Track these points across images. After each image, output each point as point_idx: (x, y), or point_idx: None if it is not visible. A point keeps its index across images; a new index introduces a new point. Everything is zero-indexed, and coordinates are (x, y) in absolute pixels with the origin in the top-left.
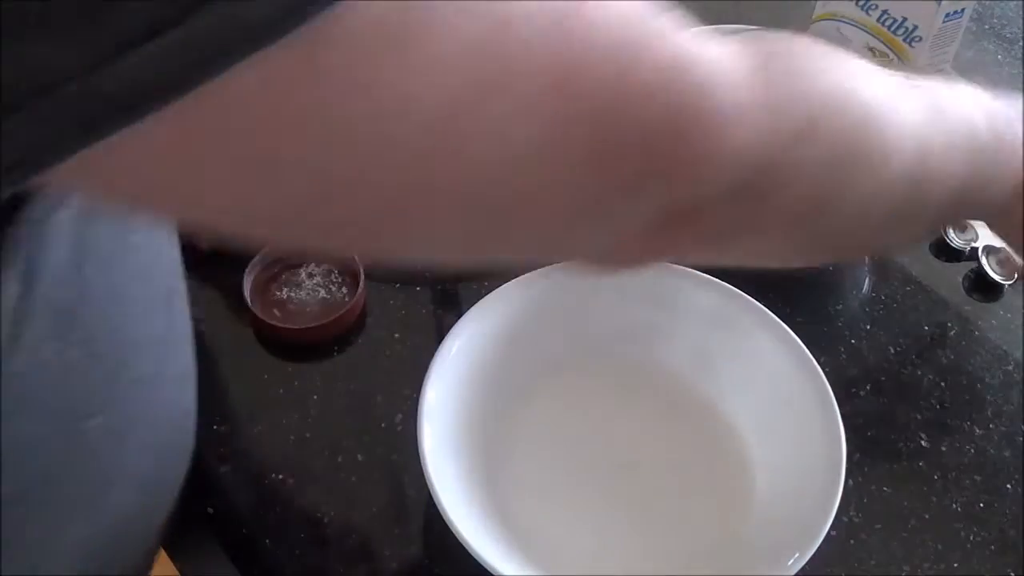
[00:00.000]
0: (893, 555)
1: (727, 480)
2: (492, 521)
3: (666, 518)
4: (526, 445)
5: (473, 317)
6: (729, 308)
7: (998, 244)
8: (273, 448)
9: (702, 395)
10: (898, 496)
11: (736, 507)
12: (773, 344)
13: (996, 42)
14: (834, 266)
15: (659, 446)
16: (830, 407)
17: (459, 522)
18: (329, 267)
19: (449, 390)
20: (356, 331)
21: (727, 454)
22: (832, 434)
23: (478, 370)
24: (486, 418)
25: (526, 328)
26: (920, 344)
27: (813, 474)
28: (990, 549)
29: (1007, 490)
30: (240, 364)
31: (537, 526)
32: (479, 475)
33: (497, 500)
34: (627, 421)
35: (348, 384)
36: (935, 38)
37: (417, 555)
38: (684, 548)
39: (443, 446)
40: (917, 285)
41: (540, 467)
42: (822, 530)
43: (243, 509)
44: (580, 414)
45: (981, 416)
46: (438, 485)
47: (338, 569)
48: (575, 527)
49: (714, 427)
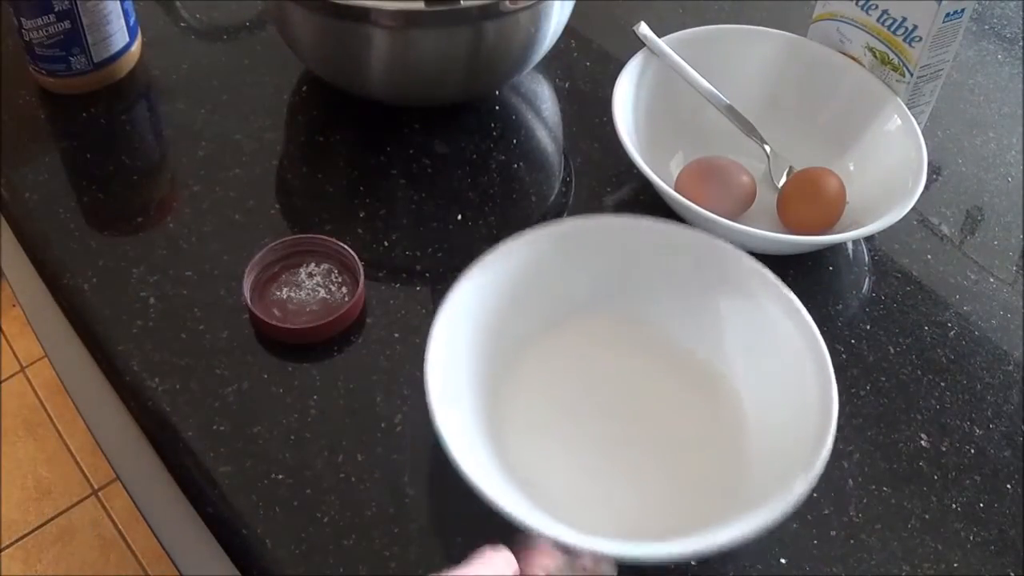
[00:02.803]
0: (893, 555)
1: (722, 424)
2: (496, 466)
3: (667, 461)
4: (527, 395)
5: (478, 271)
6: (723, 261)
7: None
8: (273, 448)
9: (696, 344)
10: (898, 496)
11: (733, 446)
12: (764, 292)
13: (996, 42)
14: (834, 266)
15: (656, 394)
16: (818, 349)
17: (467, 466)
18: (329, 267)
19: (454, 341)
20: (356, 331)
21: (720, 399)
22: (822, 376)
23: (482, 321)
24: (490, 368)
25: (529, 282)
26: (920, 344)
27: (806, 411)
28: (990, 549)
29: (1007, 490)
30: (240, 364)
31: (539, 471)
32: (483, 425)
33: (500, 448)
34: (625, 371)
35: (348, 384)
36: (935, 38)
37: (417, 555)
38: (683, 490)
39: (449, 396)
40: (917, 285)
41: (541, 416)
42: (823, 450)
43: (243, 509)
44: (580, 365)
45: (981, 416)
46: (446, 433)
47: (338, 569)
48: (575, 473)
49: (708, 375)
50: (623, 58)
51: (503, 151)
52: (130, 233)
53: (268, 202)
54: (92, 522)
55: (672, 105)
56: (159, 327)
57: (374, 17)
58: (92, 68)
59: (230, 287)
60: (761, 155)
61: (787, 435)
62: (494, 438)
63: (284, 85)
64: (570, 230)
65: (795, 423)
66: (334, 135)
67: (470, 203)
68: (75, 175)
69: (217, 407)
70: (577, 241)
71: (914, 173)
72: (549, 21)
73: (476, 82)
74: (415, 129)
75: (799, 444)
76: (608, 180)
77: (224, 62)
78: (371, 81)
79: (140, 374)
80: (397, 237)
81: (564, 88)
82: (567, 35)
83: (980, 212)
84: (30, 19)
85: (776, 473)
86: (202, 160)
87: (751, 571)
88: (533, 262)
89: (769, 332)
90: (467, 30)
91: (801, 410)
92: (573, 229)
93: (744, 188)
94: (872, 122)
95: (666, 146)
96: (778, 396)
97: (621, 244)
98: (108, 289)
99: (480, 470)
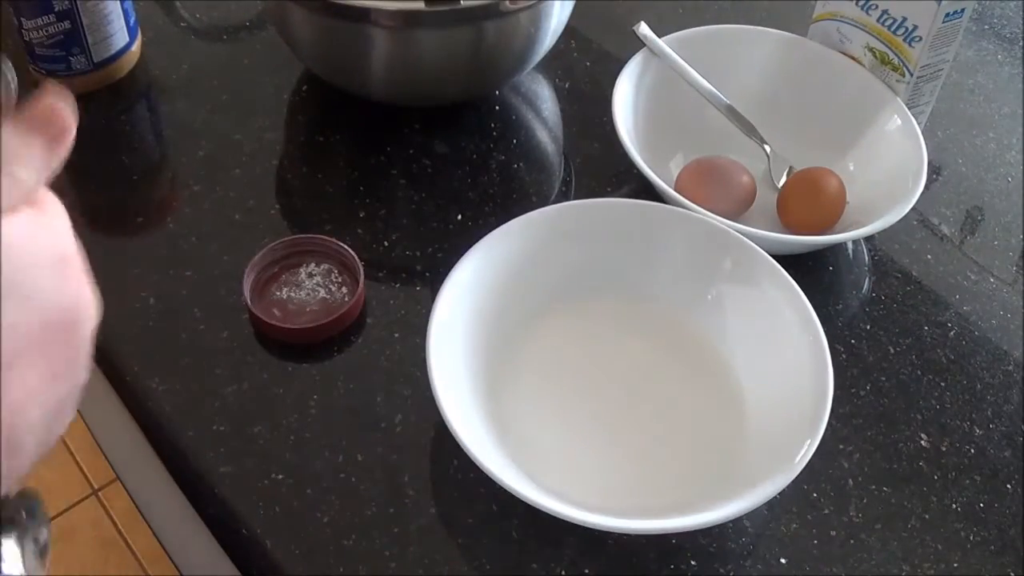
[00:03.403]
0: (893, 555)
1: (720, 404)
2: (495, 443)
3: (666, 439)
4: (528, 374)
5: (481, 249)
6: (722, 244)
7: None
8: (273, 448)
9: (696, 325)
10: (898, 496)
11: (730, 427)
12: (762, 276)
13: (996, 42)
14: (834, 266)
15: (655, 374)
16: (814, 329)
17: (470, 442)
18: (329, 267)
19: (455, 320)
20: (356, 331)
21: (719, 380)
22: (818, 356)
23: (484, 300)
24: (491, 347)
25: (533, 263)
26: (920, 344)
27: (801, 389)
28: (990, 549)
29: (1007, 490)
30: (240, 364)
31: (538, 449)
32: (483, 403)
33: (500, 427)
34: (625, 352)
35: (348, 384)
36: (935, 38)
37: (417, 555)
38: (681, 468)
39: (450, 374)
40: (917, 285)
41: (542, 394)
42: (822, 423)
43: (243, 509)
44: (582, 345)
45: (981, 416)
46: (448, 410)
47: (338, 569)
48: (574, 449)
49: (708, 356)
50: (623, 58)
51: (503, 151)
52: (130, 233)
53: (268, 202)
54: (92, 522)
55: (672, 105)
56: (159, 327)
57: (374, 17)
58: (92, 68)
59: (230, 287)
60: (761, 155)
61: (783, 417)
62: (494, 415)
63: (284, 85)
64: (574, 212)
65: (792, 406)
66: (334, 135)
67: (470, 203)
68: (75, 175)
69: (217, 407)
70: (580, 223)
71: (914, 173)
72: (549, 21)
73: (476, 82)
74: (415, 129)
75: (793, 429)
76: (608, 180)
77: (224, 62)
78: (371, 81)
79: (140, 374)
80: (397, 237)
81: (564, 88)
82: (567, 35)
83: (980, 212)
84: (30, 19)
85: (770, 455)
86: (202, 160)
87: (751, 571)
88: (536, 243)
89: (769, 316)
90: (467, 30)
91: (798, 393)
92: (577, 211)
93: (744, 188)
94: (872, 122)
95: (666, 146)
96: (776, 379)
97: (624, 227)
98: (108, 289)
99: (479, 445)
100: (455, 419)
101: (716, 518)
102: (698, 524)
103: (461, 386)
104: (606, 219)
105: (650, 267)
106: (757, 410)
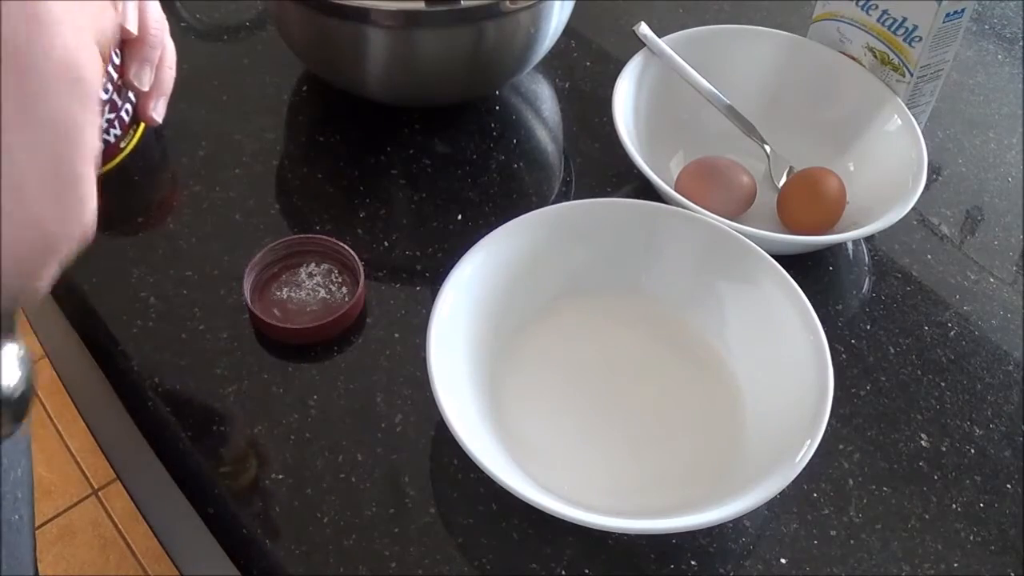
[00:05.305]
0: (893, 555)
1: (719, 404)
2: (498, 441)
3: (664, 438)
4: (527, 372)
5: (481, 249)
6: (722, 244)
7: None
8: (273, 448)
9: (696, 324)
10: (898, 496)
11: (729, 427)
12: (762, 275)
13: (996, 42)
14: (834, 266)
15: (655, 372)
16: (814, 329)
17: (470, 442)
18: (329, 267)
19: (455, 320)
20: (356, 331)
21: (719, 379)
22: (818, 356)
23: (484, 298)
24: (490, 345)
25: (533, 261)
26: (920, 344)
27: (801, 389)
28: (990, 549)
29: (1007, 490)
30: (240, 364)
31: (537, 447)
32: (483, 401)
33: (499, 425)
34: (625, 350)
35: (348, 384)
36: (935, 38)
37: (417, 555)
38: (680, 467)
39: (450, 374)
40: (917, 285)
41: (541, 392)
42: (821, 424)
43: (243, 509)
44: (581, 343)
45: (981, 416)
46: (448, 410)
47: (338, 569)
48: (574, 448)
49: (707, 355)
50: (623, 58)
51: (503, 151)
52: (130, 233)
53: (268, 202)
54: (92, 522)
55: (672, 105)
56: (159, 327)
57: (374, 17)
58: None
59: (230, 287)
60: (761, 155)
61: (783, 417)
62: (493, 415)
63: (284, 85)
64: (574, 212)
65: (792, 406)
66: (334, 135)
67: (470, 203)
68: None
69: (217, 407)
70: (580, 223)
71: (914, 173)
72: (549, 21)
73: (476, 82)
74: (415, 129)
75: (793, 429)
76: (608, 180)
77: (224, 62)
78: (371, 81)
79: (140, 374)
80: (397, 237)
81: (564, 88)
82: (567, 35)
83: (980, 212)
84: None
85: (771, 455)
86: (202, 160)
87: (751, 571)
88: (537, 243)
89: (769, 315)
90: (467, 30)
91: (797, 393)
92: (577, 211)
93: (744, 188)
94: (872, 122)
95: (666, 146)
96: (777, 379)
97: (624, 227)
98: (108, 289)
99: (479, 445)
100: (455, 419)
101: (716, 518)
102: (698, 524)
103: (461, 386)
104: (606, 219)
105: (650, 267)
106: (757, 410)
